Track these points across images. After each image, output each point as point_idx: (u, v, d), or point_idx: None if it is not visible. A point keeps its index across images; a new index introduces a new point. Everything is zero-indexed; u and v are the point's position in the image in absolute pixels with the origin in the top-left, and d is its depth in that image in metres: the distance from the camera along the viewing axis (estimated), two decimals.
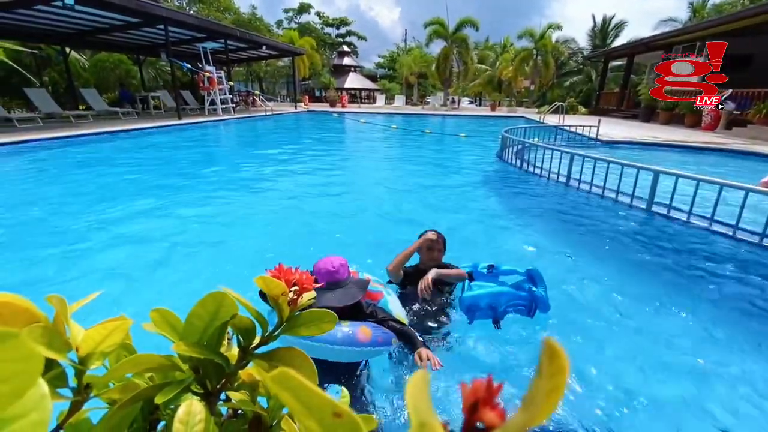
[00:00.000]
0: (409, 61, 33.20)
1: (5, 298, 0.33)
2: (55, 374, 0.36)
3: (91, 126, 11.42)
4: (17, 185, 5.61)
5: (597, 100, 23.52)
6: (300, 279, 0.48)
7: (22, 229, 3.93)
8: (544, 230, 4.29)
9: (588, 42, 31.81)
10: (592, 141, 11.02)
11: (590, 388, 1.94)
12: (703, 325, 2.47)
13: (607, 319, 2.53)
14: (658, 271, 3.22)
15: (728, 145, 9.72)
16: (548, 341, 0.18)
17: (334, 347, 1.54)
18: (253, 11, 33.29)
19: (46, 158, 7.62)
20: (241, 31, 15.65)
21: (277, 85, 38.77)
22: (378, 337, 1.64)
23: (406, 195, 5.74)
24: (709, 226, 3.95)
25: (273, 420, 0.44)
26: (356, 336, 1.58)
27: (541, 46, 27.45)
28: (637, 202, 4.74)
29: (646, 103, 16.65)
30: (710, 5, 25.00)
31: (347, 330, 1.58)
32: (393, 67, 44.28)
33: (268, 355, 0.46)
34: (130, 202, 4.87)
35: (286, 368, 0.20)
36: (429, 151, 10.59)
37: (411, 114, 24.11)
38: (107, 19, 11.91)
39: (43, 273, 3.02)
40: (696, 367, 2.11)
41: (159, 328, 0.43)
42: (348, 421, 0.20)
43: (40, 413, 0.21)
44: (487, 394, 0.19)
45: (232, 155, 9.53)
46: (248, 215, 4.55)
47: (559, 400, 0.17)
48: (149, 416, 0.43)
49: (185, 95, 18.94)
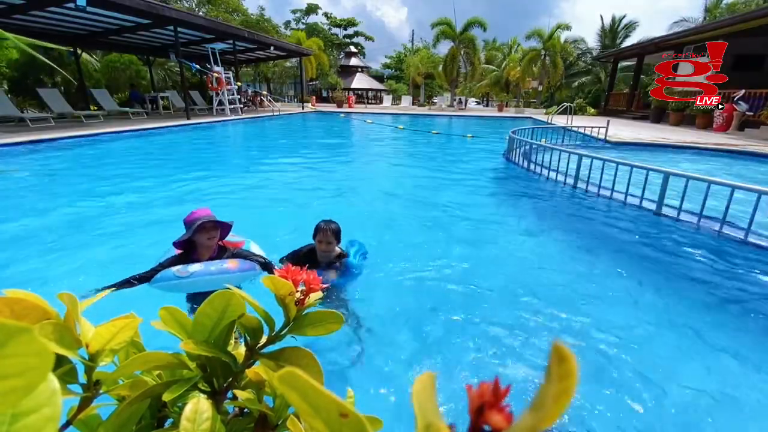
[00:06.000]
0: (416, 61, 33.16)
1: (18, 295, 0.34)
2: (65, 370, 0.36)
3: (102, 126, 11.58)
4: (32, 183, 5.71)
5: (606, 101, 23.28)
6: (307, 279, 0.48)
7: (31, 228, 3.99)
8: (552, 232, 4.25)
9: (597, 42, 31.51)
10: (601, 142, 10.91)
11: (598, 392, 1.91)
12: (713, 331, 2.44)
13: (617, 322, 2.50)
14: (667, 275, 3.18)
15: (741, 146, 9.55)
16: (557, 345, 0.18)
17: (212, 277, 2.09)
18: (261, 12, 33.47)
19: (57, 157, 7.74)
20: (249, 32, 15.75)
21: (285, 86, 38.97)
22: (244, 265, 2.23)
23: (407, 195, 5.73)
24: (720, 229, 3.89)
25: (279, 419, 0.44)
26: (226, 266, 2.16)
27: (549, 46, 27.25)
28: (646, 204, 4.68)
29: (656, 104, 16.44)
30: (723, 5, 24.62)
31: (219, 264, 2.17)
32: (400, 67, 44.28)
33: (274, 355, 0.46)
34: (140, 201, 4.93)
35: (293, 368, 0.20)
36: (435, 152, 10.56)
37: (418, 114, 24.07)
38: (118, 20, 12.08)
39: (47, 271, 3.07)
40: (702, 370, 2.07)
41: (167, 326, 0.44)
42: (354, 422, 0.20)
43: (51, 408, 0.21)
44: (493, 396, 0.19)
45: (245, 152, 9.60)
46: (272, 209, 4.58)
47: (568, 403, 0.16)
48: (157, 413, 0.44)
49: (194, 95, 19.13)
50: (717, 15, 23.46)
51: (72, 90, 17.07)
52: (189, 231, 2.18)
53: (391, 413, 1.79)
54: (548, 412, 0.17)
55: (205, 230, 2.20)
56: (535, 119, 19.00)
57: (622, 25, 30.17)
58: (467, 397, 0.19)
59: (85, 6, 9.14)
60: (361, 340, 2.30)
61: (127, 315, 0.41)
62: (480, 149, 10.75)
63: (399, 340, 2.34)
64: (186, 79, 16.86)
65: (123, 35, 14.15)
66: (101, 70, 19.55)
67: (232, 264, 2.18)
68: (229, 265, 2.16)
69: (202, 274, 2.08)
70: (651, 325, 2.50)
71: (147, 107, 17.39)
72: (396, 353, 2.22)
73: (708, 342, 2.32)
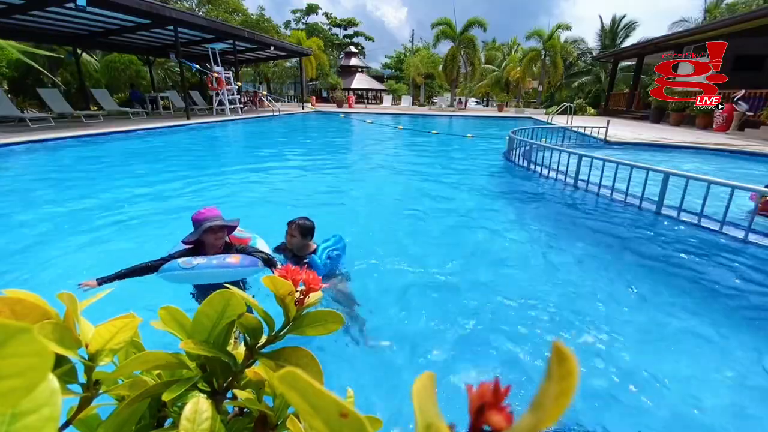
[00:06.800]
0: (416, 61, 33.14)
1: (18, 295, 0.34)
2: (65, 370, 0.36)
3: (102, 126, 11.58)
4: (32, 183, 5.71)
5: (606, 101, 23.28)
6: (307, 279, 0.48)
7: (31, 227, 4.00)
8: (552, 231, 4.25)
9: (597, 42, 31.50)
10: (601, 142, 10.91)
11: (600, 393, 1.91)
12: (715, 330, 2.44)
13: (617, 322, 2.50)
14: (666, 275, 3.18)
15: (741, 146, 9.55)
16: (557, 345, 0.17)
17: (213, 270, 2.15)
18: (261, 12, 33.44)
19: (57, 157, 7.74)
20: (249, 32, 15.75)
21: (285, 86, 38.96)
22: (246, 261, 2.26)
23: (406, 195, 5.73)
24: (720, 228, 3.89)
25: (279, 419, 0.44)
26: (228, 260, 2.20)
27: (549, 46, 27.24)
28: (646, 204, 4.68)
29: (656, 104, 16.44)
30: (723, 5, 24.62)
31: (221, 259, 2.22)
32: (400, 67, 44.24)
33: (274, 355, 0.46)
34: (140, 201, 4.93)
35: (293, 368, 0.20)
36: (435, 152, 10.56)
37: (418, 114, 24.07)
38: (118, 20, 12.09)
39: (47, 271, 3.07)
40: (704, 370, 2.07)
41: (167, 326, 0.44)
42: (354, 421, 0.20)
43: (50, 408, 0.21)
44: (493, 397, 0.19)
45: (245, 152, 9.60)
46: (271, 206, 4.58)
47: (568, 403, 0.16)
48: (157, 413, 0.44)
49: (194, 95, 19.13)
50: (717, 15, 23.45)
51: (72, 90, 17.08)
52: (197, 232, 2.26)
53: (391, 413, 1.79)
54: (548, 412, 0.16)
55: (212, 231, 2.29)
56: (535, 119, 19.00)
57: (622, 25, 30.16)
58: (467, 397, 0.19)
59: (85, 6, 9.14)
60: (361, 339, 2.30)
61: (127, 315, 0.41)
62: (480, 149, 10.75)
63: (399, 340, 2.34)
64: (186, 79, 16.87)
65: (123, 35, 14.15)
66: (101, 70, 19.55)
67: (235, 259, 2.22)
68: (231, 260, 2.21)
69: (204, 267, 2.16)
70: (651, 325, 2.50)
71: (147, 107, 17.39)
72: (396, 353, 2.22)
73: (709, 342, 2.32)
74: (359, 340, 2.30)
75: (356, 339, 2.31)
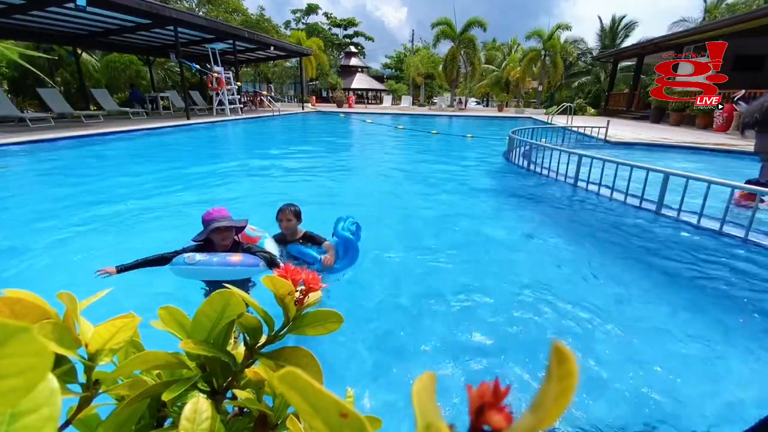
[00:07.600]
0: (416, 61, 33.14)
1: (18, 295, 0.34)
2: (64, 370, 0.36)
3: (102, 126, 11.58)
4: (32, 183, 5.71)
5: (606, 101, 23.28)
6: (307, 279, 0.48)
7: (30, 225, 3.99)
8: (551, 231, 4.25)
9: (597, 42, 31.51)
10: (601, 142, 10.91)
11: (598, 391, 1.91)
12: (715, 330, 2.44)
13: (617, 321, 2.50)
14: (666, 275, 3.18)
15: (740, 146, 9.55)
16: (557, 345, 0.18)
17: (213, 267, 2.20)
18: (261, 12, 33.44)
19: (57, 157, 7.74)
20: (249, 32, 15.75)
21: (285, 86, 38.97)
22: (248, 260, 2.28)
23: (406, 194, 5.73)
24: (720, 228, 3.89)
25: (278, 419, 0.44)
26: (230, 259, 2.24)
27: (549, 46, 27.25)
28: (646, 204, 4.68)
29: (656, 104, 16.45)
30: (723, 5, 24.63)
31: (222, 257, 2.25)
32: (400, 67, 44.25)
33: (274, 354, 0.46)
34: (140, 200, 4.93)
35: (293, 368, 0.20)
36: (435, 152, 10.57)
37: (417, 114, 24.07)
38: (118, 20, 12.08)
39: (47, 271, 3.07)
40: (704, 370, 2.07)
41: (167, 326, 0.44)
42: (354, 421, 0.20)
43: (50, 408, 0.21)
44: (493, 396, 0.19)
45: (244, 152, 9.61)
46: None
47: (568, 403, 0.16)
48: (156, 413, 0.43)
49: (194, 95, 19.12)
50: (717, 15, 23.46)
51: (72, 90, 17.08)
52: (205, 231, 2.33)
53: (390, 413, 1.79)
54: (548, 412, 0.16)
55: (219, 231, 2.35)
56: (535, 119, 19.00)
57: (621, 25, 30.18)
58: (467, 397, 0.19)
59: (85, 6, 9.14)
60: (361, 339, 2.30)
61: (127, 314, 0.41)
62: (480, 149, 10.75)
63: (399, 339, 2.34)
64: (186, 79, 16.86)
65: (123, 35, 14.15)
66: (101, 70, 19.54)
67: (236, 258, 2.26)
68: (233, 258, 2.25)
69: (205, 263, 2.21)
70: (652, 324, 2.50)
71: (147, 107, 17.39)
72: (396, 353, 2.23)
73: (709, 342, 2.32)
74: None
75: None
